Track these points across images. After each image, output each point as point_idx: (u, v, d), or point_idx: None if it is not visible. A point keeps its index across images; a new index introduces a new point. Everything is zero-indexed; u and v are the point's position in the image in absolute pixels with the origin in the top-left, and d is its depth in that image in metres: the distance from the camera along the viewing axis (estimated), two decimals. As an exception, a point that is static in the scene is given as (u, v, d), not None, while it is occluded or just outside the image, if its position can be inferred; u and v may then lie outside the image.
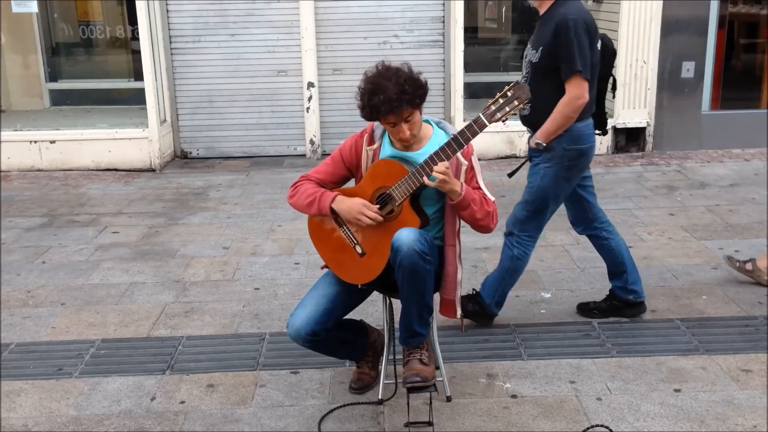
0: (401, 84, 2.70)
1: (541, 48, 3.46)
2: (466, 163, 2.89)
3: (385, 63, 2.82)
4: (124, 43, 8.62)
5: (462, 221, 2.97)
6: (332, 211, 2.92)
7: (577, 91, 3.40)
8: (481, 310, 3.78)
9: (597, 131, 3.72)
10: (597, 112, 3.69)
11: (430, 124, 3.00)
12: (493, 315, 3.83)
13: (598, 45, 3.55)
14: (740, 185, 6.29)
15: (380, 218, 2.84)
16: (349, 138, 3.04)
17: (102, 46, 8.77)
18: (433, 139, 2.94)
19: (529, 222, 3.67)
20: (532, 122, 3.59)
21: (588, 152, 3.62)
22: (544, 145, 3.50)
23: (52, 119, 8.09)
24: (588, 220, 3.85)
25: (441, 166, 2.71)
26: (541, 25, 3.53)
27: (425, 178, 2.74)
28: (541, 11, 3.56)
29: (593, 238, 3.90)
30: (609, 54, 3.69)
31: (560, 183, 3.59)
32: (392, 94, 2.68)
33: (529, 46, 3.61)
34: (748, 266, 4.28)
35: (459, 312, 2.99)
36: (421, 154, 2.87)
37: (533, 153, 3.62)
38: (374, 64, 2.82)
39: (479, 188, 2.91)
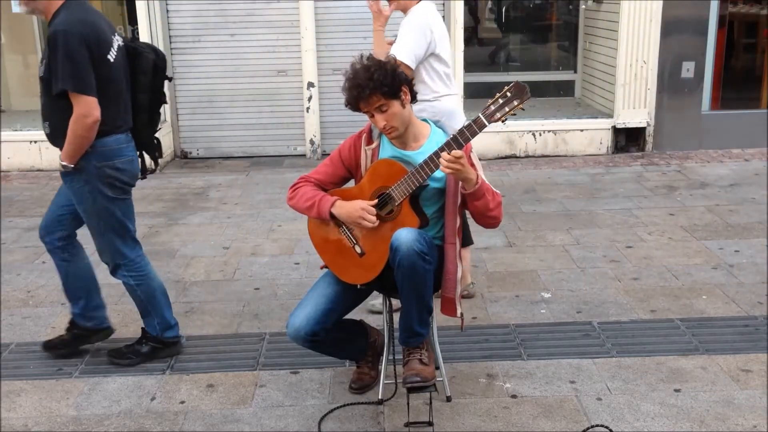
0: (371, 72, 2.78)
1: (45, 61, 3.13)
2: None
3: (373, 56, 2.89)
4: (124, 43, 8.62)
5: (467, 217, 2.96)
6: (332, 215, 2.93)
7: (82, 109, 3.08)
8: (158, 343, 3.57)
9: (151, 142, 3.50)
10: (144, 125, 3.43)
11: (429, 124, 3.01)
12: (175, 340, 3.62)
13: (111, 56, 3.18)
14: (740, 185, 6.29)
15: (379, 222, 2.85)
16: (347, 138, 3.04)
17: (102, 46, 8.76)
18: (432, 138, 2.94)
19: (117, 247, 3.43)
20: (54, 141, 3.27)
21: (126, 167, 3.33)
22: (72, 166, 3.21)
23: (52, 119, 8.07)
24: (56, 232, 3.53)
25: (451, 156, 2.65)
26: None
27: (441, 160, 2.68)
28: (49, 18, 3.17)
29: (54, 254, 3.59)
30: (146, 63, 3.33)
31: (110, 200, 3.31)
32: (360, 81, 2.78)
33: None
34: None
35: (459, 311, 3.00)
36: (420, 153, 2.87)
37: (64, 175, 3.32)
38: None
39: (484, 181, 2.91)
